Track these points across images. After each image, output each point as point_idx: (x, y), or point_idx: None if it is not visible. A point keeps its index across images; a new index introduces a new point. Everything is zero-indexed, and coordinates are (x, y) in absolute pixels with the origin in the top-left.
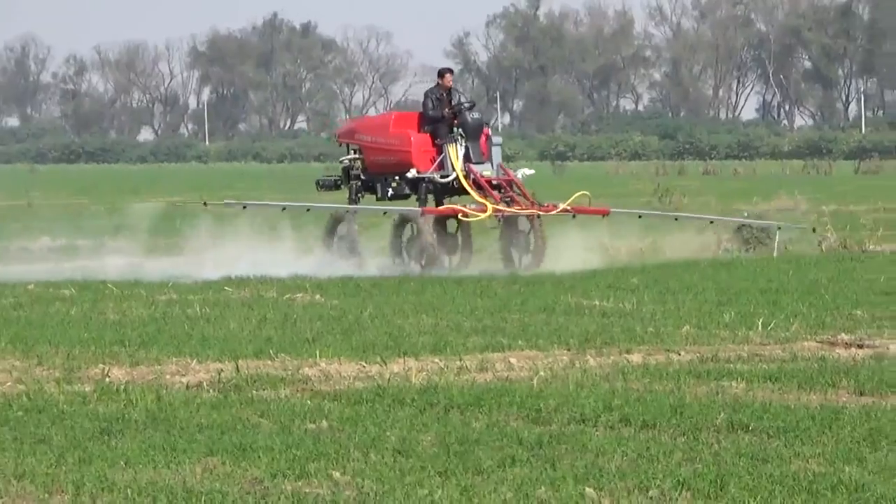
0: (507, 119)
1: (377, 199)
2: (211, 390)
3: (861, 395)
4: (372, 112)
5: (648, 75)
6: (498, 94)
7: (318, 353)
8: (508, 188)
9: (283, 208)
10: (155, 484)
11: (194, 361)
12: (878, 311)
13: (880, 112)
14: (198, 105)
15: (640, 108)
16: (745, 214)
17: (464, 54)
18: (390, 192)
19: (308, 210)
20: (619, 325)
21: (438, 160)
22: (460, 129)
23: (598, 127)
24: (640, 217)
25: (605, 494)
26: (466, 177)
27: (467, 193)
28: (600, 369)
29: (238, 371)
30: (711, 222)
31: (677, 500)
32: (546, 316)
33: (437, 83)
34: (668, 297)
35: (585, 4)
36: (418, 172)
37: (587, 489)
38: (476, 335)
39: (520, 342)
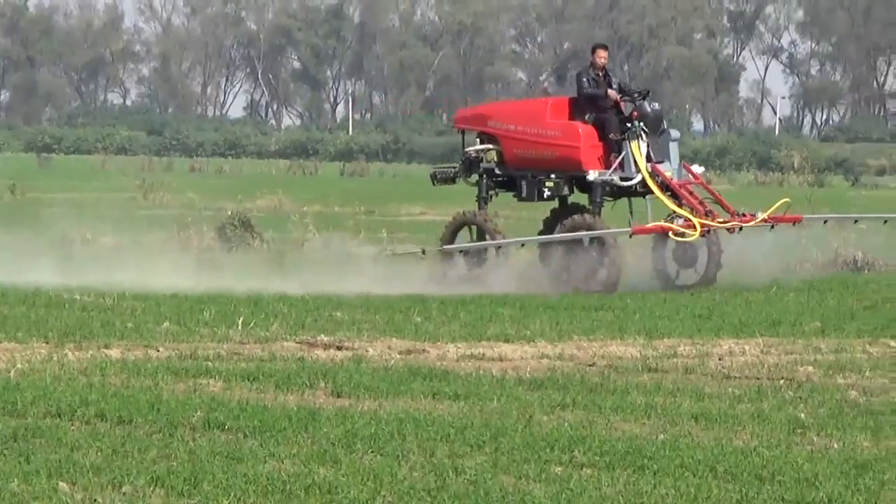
0: None
1: (518, 199)
2: None
3: (338, 396)
4: None
5: (137, 70)
6: None
7: None
8: (690, 194)
9: (522, 245)
10: None
11: None
12: (357, 313)
13: (368, 114)
14: None
15: (129, 102)
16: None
17: None
18: (545, 192)
19: (522, 245)
20: (100, 320)
21: (619, 159)
22: (642, 123)
23: (85, 120)
24: (825, 222)
25: (78, 489)
26: (653, 178)
27: (642, 196)
28: (78, 363)
29: None
30: (885, 222)
31: (151, 496)
32: (26, 308)
33: (590, 62)
34: (150, 293)
35: None
36: (599, 173)
37: (60, 483)
38: None
39: None
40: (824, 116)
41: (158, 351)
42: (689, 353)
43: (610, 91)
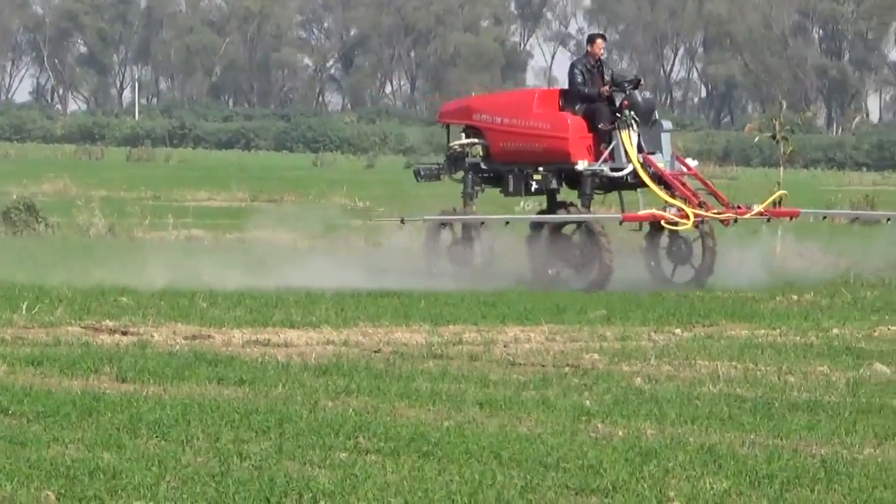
0: None
1: (505, 195)
2: None
3: (123, 381)
4: None
5: None
6: None
7: None
8: (682, 185)
9: (507, 223)
10: None
11: None
12: (143, 299)
13: (154, 99)
14: None
15: None
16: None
17: None
18: (533, 186)
19: (507, 223)
20: None
21: (609, 149)
22: (633, 112)
23: None
24: (824, 218)
25: None
26: (645, 169)
27: (634, 188)
28: None
29: None
30: (888, 220)
31: None
32: None
33: (586, 52)
34: None
35: None
36: (588, 164)
37: None
38: None
39: None
40: None
41: None
42: (474, 339)
43: (602, 88)
